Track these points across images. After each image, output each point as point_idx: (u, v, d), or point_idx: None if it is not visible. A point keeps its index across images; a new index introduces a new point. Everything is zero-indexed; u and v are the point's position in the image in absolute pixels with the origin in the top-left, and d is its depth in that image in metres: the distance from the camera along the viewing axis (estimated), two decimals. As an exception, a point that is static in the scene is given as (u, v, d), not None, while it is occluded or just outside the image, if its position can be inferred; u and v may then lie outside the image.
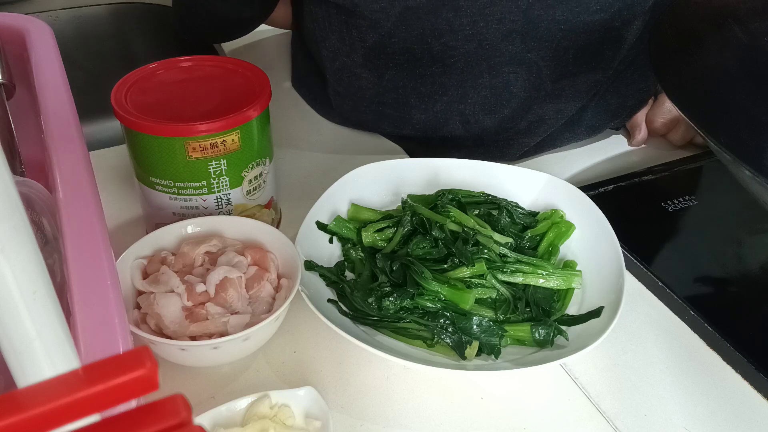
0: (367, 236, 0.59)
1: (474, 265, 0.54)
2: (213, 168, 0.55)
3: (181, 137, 0.53)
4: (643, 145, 0.79)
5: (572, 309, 0.55)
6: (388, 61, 0.70)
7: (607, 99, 0.76)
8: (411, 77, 0.70)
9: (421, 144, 0.76)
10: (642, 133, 0.78)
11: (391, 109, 0.74)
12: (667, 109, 0.77)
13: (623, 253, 0.56)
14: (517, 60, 0.68)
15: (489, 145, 0.75)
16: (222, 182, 0.56)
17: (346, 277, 0.57)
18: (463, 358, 0.51)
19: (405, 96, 0.72)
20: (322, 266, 0.56)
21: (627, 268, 0.56)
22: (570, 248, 0.60)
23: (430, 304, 0.52)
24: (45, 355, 0.20)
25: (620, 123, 0.80)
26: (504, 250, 0.56)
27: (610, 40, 0.69)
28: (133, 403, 0.19)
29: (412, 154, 0.76)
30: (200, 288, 0.50)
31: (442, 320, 0.51)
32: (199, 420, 0.44)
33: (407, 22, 0.66)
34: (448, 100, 0.71)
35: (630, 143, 0.79)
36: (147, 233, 0.57)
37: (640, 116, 0.78)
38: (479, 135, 0.74)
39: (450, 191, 0.61)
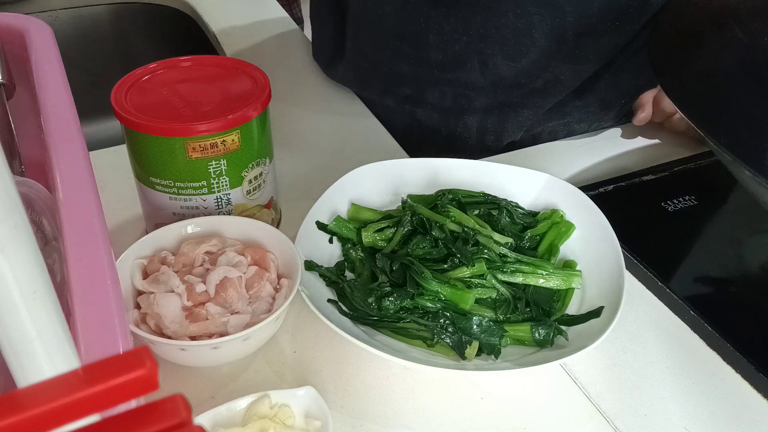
0: (367, 236, 0.59)
1: (474, 265, 0.54)
2: (213, 168, 0.55)
3: (181, 137, 0.53)
4: (646, 144, 0.79)
5: (572, 309, 0.55)
6: None
7: (620, 75, 0.75)
8: (435, 8, 0.69)
9: (436, 108, 0.75)
10: (646, 112, 0.77)
11: (409, 46, 0.72)
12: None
13: (623, 253, 0.56)
14: (545, 1, 0.68)
15: (502, 106, 0.74)
16: (222, 182, 0.56)
17: (346, 277, 0.57)
18: (463, 358, 0.51)
19: (425, 31, 0.71)
20: (322, 266, 0.56)
21: (627, 268, 0.56)
22: (570, 248, 0.60)
23: (430, 304, 0.52)
24: (45, 355, 0.20)
25: (629, 102, 0.79)
26: (504, 250, 0.56)
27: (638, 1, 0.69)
28: (133, 403, 0.19)
29: (416, 150, 0.76)
30: (200, 288, 0.50)
31: (442, 320, 0.51)
32: (199, 420, 0.44)
33: None
34: (468, 40, 0.70)
35: (633, 120, 0.78)
36: (147, 233, 0.57)
37: (648, 95, 0.78)
38: (494, 86, 0.72)
39: (450, 191, 0.61)
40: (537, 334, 0.51)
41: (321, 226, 0.60)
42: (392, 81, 0.78)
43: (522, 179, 0.65)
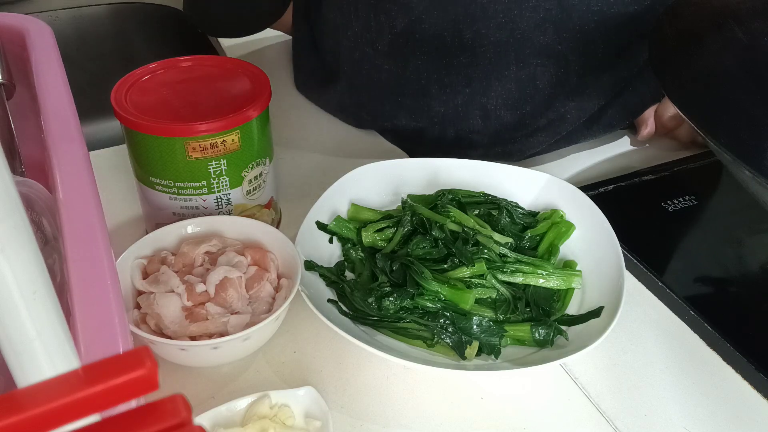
0: (367, 236, 0.59)
1: (474, 265, 0.54)
2: (213, 168, 0.55)
3: (181, 137, 0.53)
4: (646, 145, 0.79)
5: (572, 309, 0.55)
6: (414, 50, 0.68)
7: (625, 97, 0.75)
8: (436, 67, 0.69)
9: (433, 144, 0.75)
10: (649, 128, 0.77)
11: (410, 100, 0.72)
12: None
13: (623, 253, 0.56)
14: (547, 52, 0.67)
15: (506, 142, 0.74)
16: (222, 182, 0.56)
17: (346, 277, 0.57)
18: (463, 358, 0.51)
19: (427, 86, 0.71)
20: (322, 266, 0.56)
21: (627, 268, 0.56)
22: (570, 248, 0.60)
23: (430, 304, 0.52)
24: (45, 355, 0.20)
25: (633, 120, 0.80)
26: (504, 250, 0.56)
27: (639, 34, 0.69)
28: (133, 403, 0.19)
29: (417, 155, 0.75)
30: (200, 288, 0.50)
31: (442, 320, 0.51)
32: (199, 420, 0.44)
33: (440, 5, 0.65)
34: (471, 92, 0.70)
35: (637, 137, 0.78)
36: (147, 233, 0.57)
37: (649, 111, 0.77)
38: (496, 132, 0.72)
39: (450, 191, 0.61)
40: (537, 334, 0.51)
41: (321, 226, 0.60)
42: (393, 126, 0.77)
43: (522, 179, 0.65)
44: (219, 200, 0.57)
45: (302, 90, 0.86)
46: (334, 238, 0.60)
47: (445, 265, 0.55)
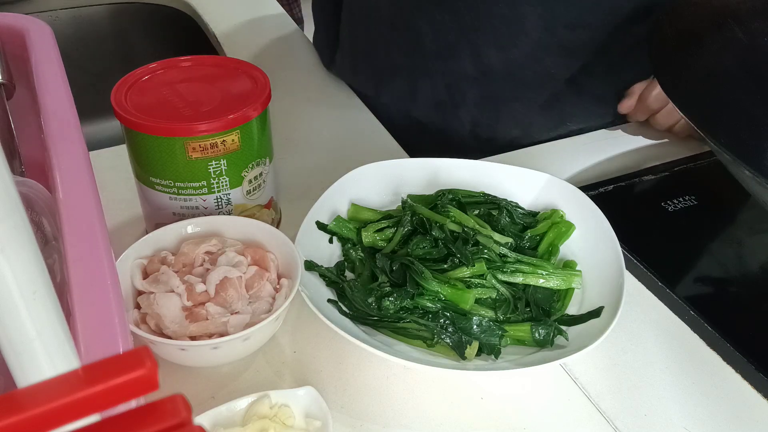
0: (367, 236, 0.59)
1: (474, 265, 0.54)
2: (213, 168, 0.55)
3: (181, 137, 0.53)
4: (644, 146, 0.79)
5: (572, 309, 0.55)
6: None
7: (614, 72, 0.75)
8: (428, 3, 0.70)
9: (429, 103, 0.75)
10: (631, 100, 0.76)
11: (402, 37, 0.73)
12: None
13: (623, 253, 0.56)
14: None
15: (495, 97, 0.74)
16: (222, 182, 0.56)
17: (346, 277, 0.57)
18: (463, 358, 0.51)
19: (418, 21, 0.72)
20: (322, 266, 0.56)
21: (627, 268, 0.56)
22: (570, 248, 0.60)
23: (430, 304, 0.52)
24: (45, 355, 0.20)
25: (621, 91, 0.79)
26: (504, 250, 0.56)
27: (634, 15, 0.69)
28: (133, 403, 0.19)
29: (414, 148, 0.76)
30: (200, 288, 0.50)
31: (442, 320, 0.51)
32: (199, 420, 0.44)
33: None
34: (460, 30, 0.71)
35: (618, 106, 0.78)
36: (147, 233, 0.57)
37: (638, 86, 0.77)
38: (486, 75, 0.73)
39: (450, 191, 0.61)
40: (537, 334, 0.51)
41: (321, 226, 0.60)
42: (386, 72, 0.79)
43: (522, 179, 0.65)
44: (219, 200, 0.57)
45: (316, 46, 0.90)
46: (334, 238, 0.60)
47: (445, 265, 0.55)
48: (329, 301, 0.54)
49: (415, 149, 0.75)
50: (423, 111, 0.78)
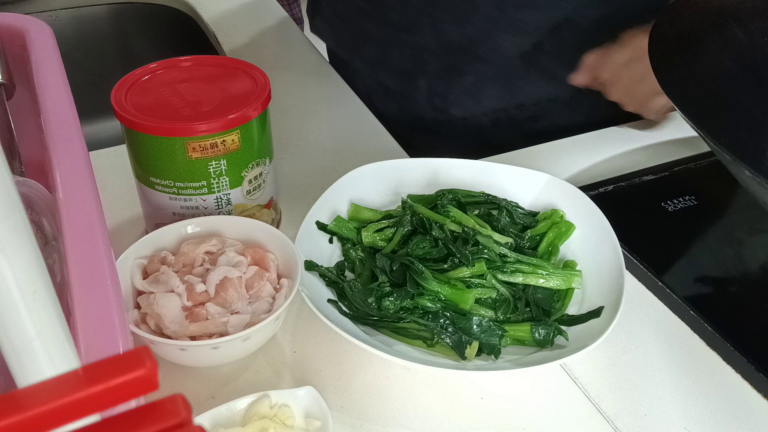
0: (367, 236, 0.59)
1: (474, 265, 0.54)
2: (213, 168, 0.55)
3: (181, 137, 0.53)
4: (644, 146, 0.79)
5: (572, 309, 0.55)
6: None
7: (565, 48, 0.78)
8: None
9: (396, 71, 0.83)
10: (582, 73, 0.78)
11: (371, 6, 0.80)
12: (615, 60, 0.76)
13: (623, 253, 0.56)
14: None
15: (450, 68, 0.81)
16: (222, 182, 0.56)
17: (346, 277, 0.57)
18: (463, 358, 0.51)
19: None
20: (322, 266, 0.56)
21: (627, 268, 0.56)
22: (570, 248, 0.60)
23: (430, 304, 0.52)
24: (45, 355, 0.20)
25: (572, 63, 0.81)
26: (504, 250, 0.56)
27: None
28: (133, 403, 0.19)
29: (386, 116, 0.83)
30: (200, 288, 0.50)
31: (442, 320, 0.51)
32: (199, 420, 0.44)
33: None
34: (421, 3, 0.77)
35: (569, 78, 0.79)
36: (147, 233, 0.57)
37: (590, 58, 0.78)
38: (445, 49, 0.80)
39: (450, 191, 0.61)
40: (537, 334, 0.51)
41: (321, 226, 0.60)
42: (359, 39, 0.86)
43: (522, 179, 0.65)
44: (219, 200, 0.57)
45: (306, 10, 0.96)
46: (334, 238, 0.60)
47: (445, 265, 0.55)
48: (329, 301, 0.54)
49: (385, 117, 0.83)
50: (389, 78, 0.86)
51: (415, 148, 0.76)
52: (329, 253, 0.59)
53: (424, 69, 0.82)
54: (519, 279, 0.55)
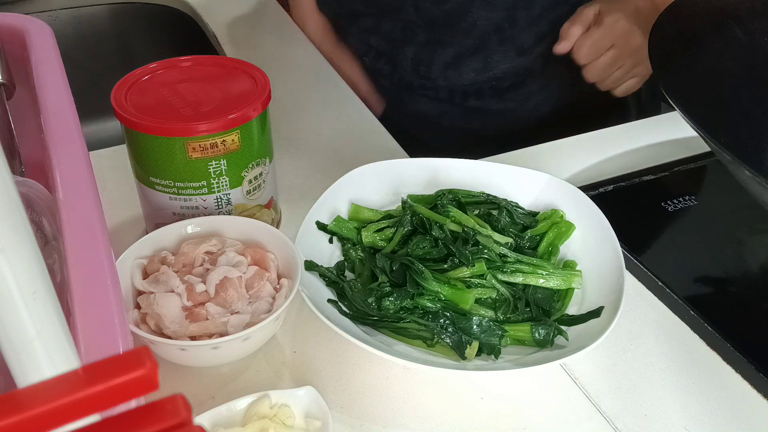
0: (367, 236, 0.59)
1: (474, 265, 0.54)
2: (213, 168, 0.55)
3: (181, 137, 0.53)
4: (644, 146, 0.79)
5: (572, 309, 0.55)
6: None
7: (537, 23, 0.86)
8: None
9: (387, 38, 0.92)
10: (567, 41, 0.83)
11: None
12: (585, 16, 0.83)
13: (623, 253, 0.56)
14: None
15: (435, 41, 0.89)
16: (222, 182, 0.56)
17: (346, 277, 0.57)
18: (463, 358, 0.51)
19: None
20: (322, 266, 0.56)
21: (627, 268, 0.56)
22: (570, 248, 0.60)
23: (430, 304, 0.52)
24: (45, 355, 0.20)
25: (545, 51, 0.88)
26: (504, 250, 0.56)
27: None
28: (133, 403, 0.19)
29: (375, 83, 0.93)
30: (200, 288, 0.50)
31: (442, 320, 0.51)
32: (199, 420, 0.44)
33: None
34: None
35: (554, 48, 0.85)
36: (147, 233, 0.57)
37: (565, 27, 0.84)
38: (429, 24, 0.88)
39: (450, 191, 0.61)
40: (537, 334, 0.51)
41: (321, 226, 0.60)
42: (355, 12, 0.93)
43: (522, 179, 0.64)
44: (219, 200, 0.57)
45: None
46: (334, 238, 0.60)
47: (445, 265, 0.55)
48: (329, 301, 0.54)
49: (376, 77, 0.95)
50: (379, 44, 0.94)
51: (413, 143, 0.78)
52: (329, 253, 0.59)
53: (413, 39, 0.90)
54: (519, 279, 0.55)
